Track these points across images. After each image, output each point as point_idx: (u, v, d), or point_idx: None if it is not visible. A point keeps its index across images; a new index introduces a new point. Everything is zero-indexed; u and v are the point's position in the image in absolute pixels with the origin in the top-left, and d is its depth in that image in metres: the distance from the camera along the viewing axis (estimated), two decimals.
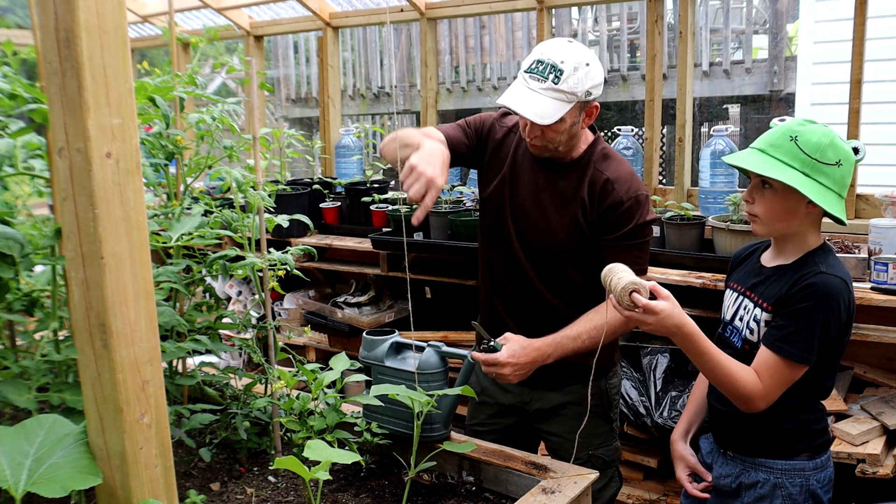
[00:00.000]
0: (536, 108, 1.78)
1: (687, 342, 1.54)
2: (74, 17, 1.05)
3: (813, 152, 1.51)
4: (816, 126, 1.55)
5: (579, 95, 1.79)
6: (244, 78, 2.49)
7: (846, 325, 1.58)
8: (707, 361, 1.56)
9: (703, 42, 6.30)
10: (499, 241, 2.03)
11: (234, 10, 4.51)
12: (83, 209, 1.11)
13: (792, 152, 1.52)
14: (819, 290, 1.53)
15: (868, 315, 2.44)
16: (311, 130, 8.61)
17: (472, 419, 2.22)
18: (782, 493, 1.63)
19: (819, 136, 1.52)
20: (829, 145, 1.52)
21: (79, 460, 1.20)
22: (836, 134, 1.54)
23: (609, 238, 1.89)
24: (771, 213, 1.59)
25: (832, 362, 1.63)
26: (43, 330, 1.52)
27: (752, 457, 1.68)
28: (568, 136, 1.87)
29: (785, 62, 6.10)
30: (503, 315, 2.04)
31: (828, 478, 1.66)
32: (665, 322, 1.49)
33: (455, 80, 7.56)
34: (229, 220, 1.86)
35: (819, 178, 1.51)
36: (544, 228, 1.95)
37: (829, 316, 1.53)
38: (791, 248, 1.63)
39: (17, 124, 1.48)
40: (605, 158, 1.94)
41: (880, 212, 2.74)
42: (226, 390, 2.02)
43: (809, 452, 1.64)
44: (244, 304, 4.16)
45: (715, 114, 7.24)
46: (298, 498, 1.72)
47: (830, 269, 1.56)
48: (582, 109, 1.85)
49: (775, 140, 1.55)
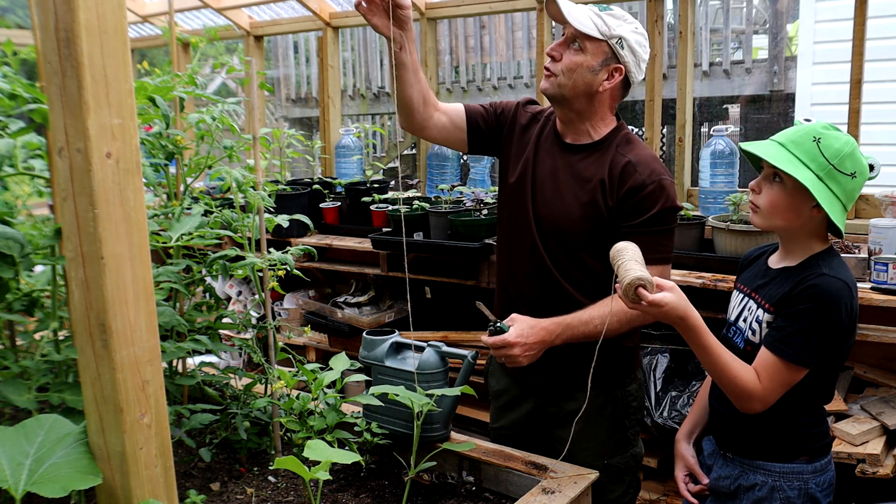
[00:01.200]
0: (573, 9, 1.78)
1: (690, 334, 1.54)
2: (74, 17, 1.05)
3: (832, 158, 1.51)
4: (841, 133, 1.54)
5: (612, 36, 1.77)
6: (244, 78, 2.49)
7: (848, 329, 1.57)
8: (708, 355, 1.56)
9: (703, 42, 6.29)
10: (517, 227, 1.97)
11: (234, 10, 4.51)
12: (83, 209, 1.11)
13: (812, 153, 1.52)
14: (819, 291, 1.52)
15: (868, 315, 2.44)
16: (311, 130, 8.62)
17: (495, 422, 2.18)
18: (780, 496, 1.62)
19: (842, 144, 1.52)
20: (850, 155, 1.51)
21: (79, 460, 1.20)
22: (857, 146, 1.54)
23: (631, 224, 1.82)
24: (774, 207, 1.58)
25: (834, 367, 1.62)
26: (43, 330, 1.52)
27: (750, 459, 1.67)
28: (578, 79, 1.82)
29: (785, 62, 6.10)
30: (520, 307, 2.01)
31: (828, 481, 1.65)
32: (669, 314, 1.50)
33: (455, 80, 7.56)
34: (229, 220, 1.86)
35: (832, 184, 1.51)
36: (559, 207, 1.89)
37: (828, 319, 1.52)
38: (797, 250, 1.62)
39: (17, 124, 1.48)
40: (627, 143, 1.89)
41: (880, 212, 2.74)
42: (226, 390, 2.02)
43: (808, 456, 1.64)
44: (244, 304, 4.16)
45: (715, 114, 7.24)
46: (298, 498, 1.72)
47: (834, 271, 1.55)
48: (606, 60, 1.81)
49: (798, 137, 1.54)
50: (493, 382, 2.16)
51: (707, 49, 6.42)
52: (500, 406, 2.14)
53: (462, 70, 7.46)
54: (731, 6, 6.43)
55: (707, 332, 1.55)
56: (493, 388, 2.17)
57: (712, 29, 6.87)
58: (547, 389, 2.01)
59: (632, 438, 2.03)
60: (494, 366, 2.16)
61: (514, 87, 7.22)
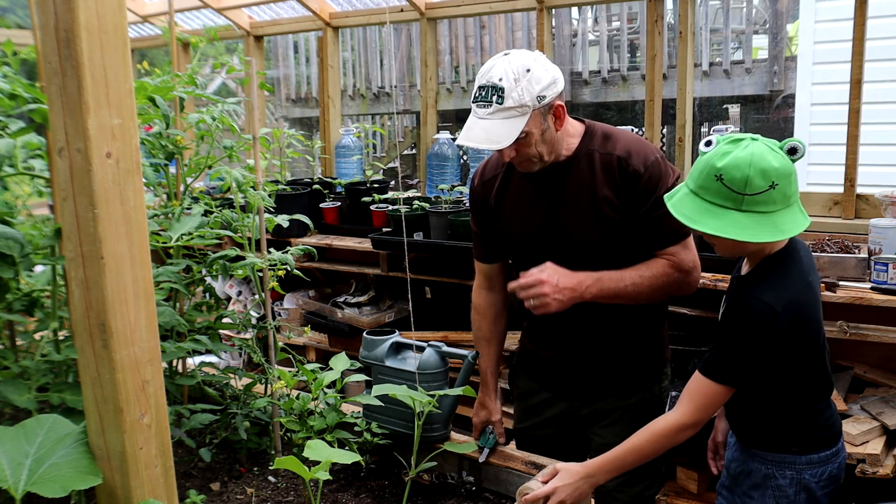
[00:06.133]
0: (490, 134, 1.71)
1: (607, 471, 1.62)
2: (74, 17, 1.05)
3: (741, 188, 1.46)
4: (738, 153, 1.47)
5: (530, 105, 1.70)
6: (244, 78, 2.49)
7: (794, 341, 1.56)
8: (630, 463, 1.63)
9: (703, 42, 6.29)
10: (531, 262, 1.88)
11: (234, 10, 4.51)
12: (83, 209, 1.11)
13: (722, 193, 1.48)
14: (744, 314, 1.54)
15: (868, 315, 2.44)
16: (311, 130, 8.61)
17: (521, 422, 2.15)
18: (772, 483, 1.66)
19: (743, 169, 1.45)
20: (756, 174, 1.45)
21: (79, 460, 1.20)
22: (762, 152, 1.47)
23: (642, 212, 1.79)
24: (725, 249, 1.61)
25: (805, 366, 1.63)
26: (43, 330, 1.52)
27: (748, 446, 1.72)
28: (546, 144, 1.78)
29: (785, 62, 6.10)
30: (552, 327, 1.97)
31: (827, 474, 1.66)
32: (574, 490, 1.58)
33: (455, 80, 7.56)
34: (229, 220, 1.86)
35: (757, 208, 1.47)
36: (576, 236, 1.85)
37: (755, 340, 1.54)
38: (753, 256, 1.64)
39: (17, 124, 1.48)
40: (607, 139, 1.85)
41: (880, 212, 2.74)
42: (226, 390, 2.02)
43: (799, 448, 1.66)
44: (244, 304, 4.15)
45: (715, 114, 7.24)
46: (298, 498, 1.72)
47: (765, 291, 1.54)
48: (545, 115, 1.75)
49: (703, 181, 1.50)
50: (521, 384, 2.13)
51: (707, 49, 6.42)
52: (528, 406, 2.11)
53: (462, 70, 7.46)
54: (731, 6, 6.43)
55: (610, 459, 1.62)
56: (519, 388, 2.14)
57: (712, 29, 6.87)
58: (581, 391, 1.99)
59: None
60: (522, 367, 2.13)
61: None
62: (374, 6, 4.21)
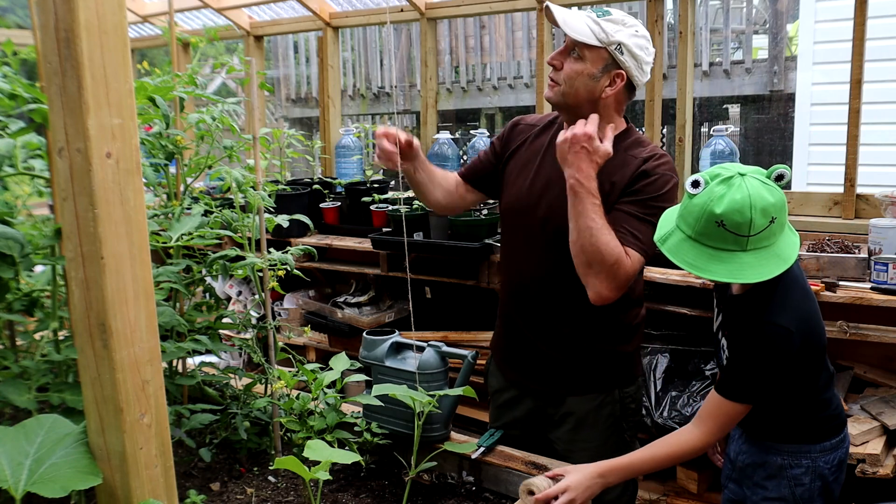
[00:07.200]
0: (567, 17, 1.77)
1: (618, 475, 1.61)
2: (74, 17, 1.05)
3: (746, 231, 1.45)
4: (734, 195, 1.44)
5: (611, 42, 1.75)
6: (244, 78, 2.49)
7: (807, 351, 1.58)
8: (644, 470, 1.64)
9: (703, 42, 6.30)
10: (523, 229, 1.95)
11: (234, 10, 4.51)
12: (83, 209, 1.11)
13: (727, 238, 1.47)
14: (762, 340, 1.55)
15: (868, 315, 2.44)
16: (311, 130, 8.61)
17: (494, 422, 2.16)
18: (788, 473, 1.68)
19: (744, 213, 1.43)
20: (758, 215, 1.44)
21: (79, 460, 1.20)
22: (757, 190, 1.44)
23: (624, 200, 1.79)
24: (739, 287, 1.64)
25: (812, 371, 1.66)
26: (43, 330, 1.52)
27: (759, 440, 1.74)
28: (582, 87, 1.80)
29: (785, 62, 6.10)
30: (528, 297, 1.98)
31: (837, 460, 1.70)
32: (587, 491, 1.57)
33: (455, 80, 7.56)
34: (229, 220, 1.86)
35: (760, 244, 1.47)
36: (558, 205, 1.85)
37: (773, 361, 1.55)
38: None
39: (17, 124, 1.48)
40: (638, 145, 1.87)
41: (880, 212, 2.74)
42: (226, 390, 2.02)
43: (814, 438, 1.70)
44: (244, 304, 4.15)
45: (715, 114, 7.24)
46: (298, 498, 1.72)
47: (778, 315, 1.54)
48: (606, 67, 1.78)
49: (704, 228, 1.48)
50: (493, 382, 2.16)
51: (707, 49, 6.42)
52: (499, 405, 2.14)
53: (462, 70, 7.46)
54: (731, 6, 6.43)
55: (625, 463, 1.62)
56: (492, 387, 2.17)
57: (712, 29, 6.87)
58: (543, 392, 2.01)
59: (629, 441, 2.03)
60: (494, 365, 2.16)
61: (514, 87, 7.22)
62: (374, 6, 4.21)
